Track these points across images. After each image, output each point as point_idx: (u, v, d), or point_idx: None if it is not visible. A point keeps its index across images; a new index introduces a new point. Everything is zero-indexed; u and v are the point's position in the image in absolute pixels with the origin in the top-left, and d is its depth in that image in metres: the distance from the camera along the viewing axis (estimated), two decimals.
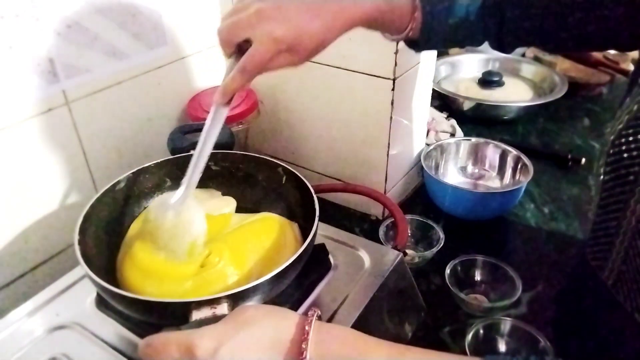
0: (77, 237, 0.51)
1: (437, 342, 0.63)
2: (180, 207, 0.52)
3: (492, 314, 0.65)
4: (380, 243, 0.72)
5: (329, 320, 0.53)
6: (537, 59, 1.34)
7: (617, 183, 0.42)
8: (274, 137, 0.91)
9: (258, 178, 0.66)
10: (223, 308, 0.44)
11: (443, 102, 1.15)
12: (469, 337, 0.60)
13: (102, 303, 0.55)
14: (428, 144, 0.92)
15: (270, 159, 0.65)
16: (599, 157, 0.44)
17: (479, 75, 1.22)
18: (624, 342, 0.46)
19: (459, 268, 0.71)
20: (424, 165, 0.86)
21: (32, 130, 0.64)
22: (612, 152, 0.42)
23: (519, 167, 0.87)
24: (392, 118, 0.75)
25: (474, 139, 0.93)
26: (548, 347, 0.58)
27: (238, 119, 0.80)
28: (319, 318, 0.40)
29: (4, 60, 0.59)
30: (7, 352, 0.51)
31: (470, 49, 1.35)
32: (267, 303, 0.48)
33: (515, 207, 0.86)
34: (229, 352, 0.37)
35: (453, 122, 1.05)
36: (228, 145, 0.68)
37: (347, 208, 0.87)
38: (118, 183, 0.60)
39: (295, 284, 0.54)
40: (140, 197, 0.63)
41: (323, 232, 0.64)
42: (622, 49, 0.63)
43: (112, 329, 0.53)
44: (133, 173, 0.61)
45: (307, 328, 0.38)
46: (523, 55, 1.37)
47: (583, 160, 0.97)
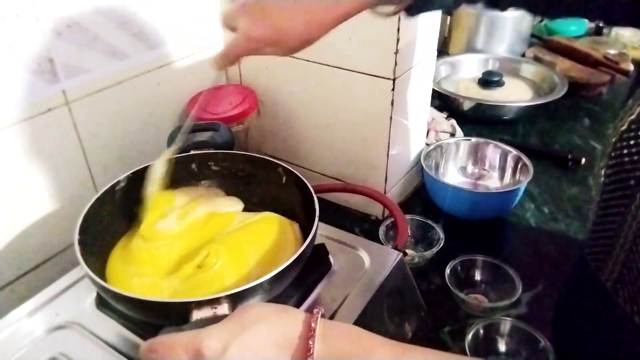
0: (77, 237, 0.51)
1: (437, 342, 0.63)
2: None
3: (492, 314, 0.65)
4: (380, 243, 0.72)
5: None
6: (537, 59, 1.34)
7: (618, 187, 0.42)
8: (274, 137, 0.91)
9: (258, 178, 0.66)
10: (224, 308, 0.44)
11: (443, 102, 1.15)
12: (469, 337, 0.60)
13: (102, 303, 0.55)
14: (428, 144, 0.92)
15: (271, 159, 0.65)
16: (600, 157, 0.44)
17: (479, 75, 1.22)
18: (624, 343, 0.46)
19: (459, 268, 0.71)
20: (424, 165, 0.86)
21: (32, 131, 0.64)
22: (613, 154, 0.41)
23: (519, 167, 0.87)
24: (392, 118, 0.75)
25: (474, 139, 0.93)
26: (548, 347, 0.58)
27: (238, 119, 0.80)
28: (323, 316, 0.40)
29: (4, 60, 0.59)
30: (7, 352, 0.51)
31: (471, 49, 1.35)
32: (268, 302, 0.48)
33: (515, 207, 0.86)
34: (238, 350, 0.37)
35: (453, 122, 1.05)
36: (228, 145, 0.68)
37: (347, 208, 0.87)
38: (118, 183, 0.60)
39: (295, 284, 0.54)
40: (140, 197, 0.63)
41: (323, 232, 0.64)
42: (610, 23, 0.58)
43: (112, 329, 0.53)
44: (133, 173, 0.62)
45: (313, 325, 0.38)
46: (523, 55, 1.37)
47: (583, 161, 0.97)
